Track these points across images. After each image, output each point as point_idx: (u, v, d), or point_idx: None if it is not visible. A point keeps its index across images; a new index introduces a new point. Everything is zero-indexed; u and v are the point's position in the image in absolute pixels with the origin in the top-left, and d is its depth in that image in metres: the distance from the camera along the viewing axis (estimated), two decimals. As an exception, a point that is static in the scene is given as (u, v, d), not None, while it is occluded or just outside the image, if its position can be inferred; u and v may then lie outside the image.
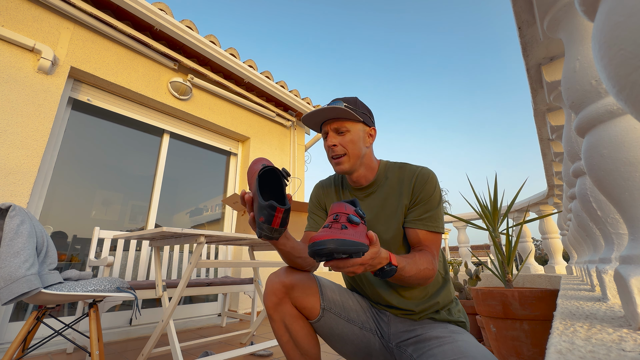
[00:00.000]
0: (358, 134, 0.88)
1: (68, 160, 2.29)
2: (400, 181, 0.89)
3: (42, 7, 2.14)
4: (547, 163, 1.72)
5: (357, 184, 0.94)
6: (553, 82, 0.95)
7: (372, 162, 0.93)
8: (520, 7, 0.81)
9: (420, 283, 0.77)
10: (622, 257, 0.46)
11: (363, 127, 0.89)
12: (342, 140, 0.87)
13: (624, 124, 0.47)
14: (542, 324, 1.22)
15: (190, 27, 2.75)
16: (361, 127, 0.89)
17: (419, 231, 0.83)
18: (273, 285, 0.82)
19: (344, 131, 0.87)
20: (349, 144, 0.86)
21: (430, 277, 0.77)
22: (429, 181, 0.86)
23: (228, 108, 3.27)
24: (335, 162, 0.88)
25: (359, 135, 0.88)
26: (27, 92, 1.98)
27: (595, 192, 0.67)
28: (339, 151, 0.87)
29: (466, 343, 0.70)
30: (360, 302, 0.92)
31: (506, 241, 1.57)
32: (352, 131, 0.87)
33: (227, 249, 2.72)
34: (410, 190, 0.86)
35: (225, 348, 1.85)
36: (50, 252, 1.27)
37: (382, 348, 0.86)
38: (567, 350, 0.32)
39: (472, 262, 2.93)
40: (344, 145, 0.86)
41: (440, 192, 0.88)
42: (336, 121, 0.87)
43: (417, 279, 0.75)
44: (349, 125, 0.87)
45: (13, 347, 1.14)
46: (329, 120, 0.88)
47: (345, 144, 0.86)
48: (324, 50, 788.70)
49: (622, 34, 0.24)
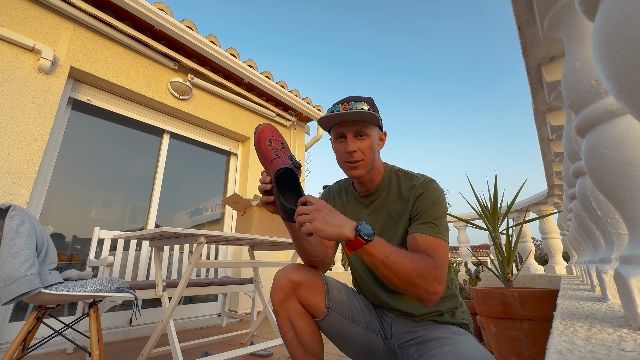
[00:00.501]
0: (375, 138, 0.84)
1: (68, 160, 2.29)
2: (403, 191, 0.87)
3: (42, 7, 2.14)
4: (547, 163, 1.72)
5: (364, 188, 0.93)
6: (553, 82, 0.95)
7: (379, 165, 0.91)
8: (520, 7, 0.81)
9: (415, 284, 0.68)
10: (622, 257, 0.46)
11: (378, 131, 0.87)
12: (361, 146, 0.82)
13: (624, 124, 0.47)
14: (542, 324, 1.22)
15: (190, 27, 2.75)
16: (377, 132, 0.86)
17: (417, 235, 0.78)
18: (280, 281, 0.82)
19: (364, 136, 0.82)
20: (368, 150, 0.82)
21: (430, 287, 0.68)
22: (431, 191, 0.83)
23: (228, 108, 3.27)
24: (352, 167, 0.83)
25: (375, 140, 0.85)
26: (27, 92, 1.98)
27: (595, 192, 0.67)
28: (357, 157, 0.82)
29: (466, 344, 0.70)
30: (365, 302, 0.92)
31: (506, 241, 1.57)
32: (370, 136, 0.83)
33: (227, 249, 2.72)
34: (413, 201, 0.83)
35: (225, 348, 1.85)
36: (50, 252, 1.27)
37: (385, 349, 0.86)
38: (567, 350, 0.32)
39: (472, 262, 2.93)
40: (363, 151, 0.82)
41: (445, 204, 0.84)
42: (357, 124, 0.82)
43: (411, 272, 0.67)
44: (369, 129, 0.82)
45: (13, 347, 1.14)
46: (348, 122, 0.82)
47: (364, 150, 0.82)
48: (324, 51, 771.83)
49: (622, 34, 0.24)
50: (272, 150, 0.78)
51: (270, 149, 0.79)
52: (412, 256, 0.70)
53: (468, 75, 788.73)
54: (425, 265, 0.69)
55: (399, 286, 0.70)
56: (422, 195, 0.83)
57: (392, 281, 0.69)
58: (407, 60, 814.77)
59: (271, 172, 0.75)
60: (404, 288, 0.70)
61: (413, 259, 0.69)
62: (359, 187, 0.95)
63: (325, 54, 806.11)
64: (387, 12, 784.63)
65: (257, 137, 0.82)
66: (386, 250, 0.67)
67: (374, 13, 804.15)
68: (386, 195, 0.90)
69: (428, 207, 0.81)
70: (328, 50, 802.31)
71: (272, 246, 1.95)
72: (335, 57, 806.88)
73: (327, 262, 0.91)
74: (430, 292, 0.69)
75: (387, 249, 0.68)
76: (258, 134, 0.83)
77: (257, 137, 0.83)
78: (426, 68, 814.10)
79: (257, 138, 0.82)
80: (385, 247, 0.68)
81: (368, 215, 0.92)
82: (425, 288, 0.68)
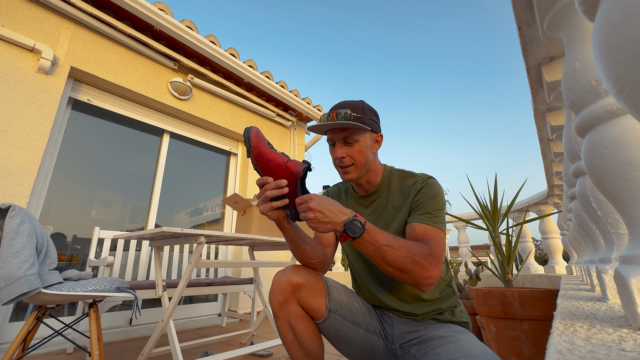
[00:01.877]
0: (366, 143, 0.85)
1: (68, 160, 2.29)
2: (403, 189, 0.89)
3: (42, 7, 2.14)
4: (547, 163, 1.72)
5: (362, 189, 0.94)
6: (553, 82, 0.95)
7: (376, 167, 0.92)
8: (520, 7, 0.81)
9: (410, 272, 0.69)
10: (622, 257, 0.46)
11: (370, 134, 0.87)
12: (349, 151, 0.84)
13: (624, 124, 0.47)
14: (542, 324, 1.22)
15: (190, 27, 2.75)
16: (369, 136, 0.86)
17: (415, 224, 0.80)
18: (280, 283, 0.81)
19: (352, 142, 0.84)
20: (357, 154, 0.84)
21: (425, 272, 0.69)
22: (430, 186, 0.85)
23: (228, 108, 3.27)
24: (343, 172, 0.86)
25: (367, 144, 0.86)
26: (27, 92, 1.98)
27: (595, 192, 0.67)
28: (346, 162, 0.85)
29: (469, 342, 0.70)
30: (365, 303, 0.92)
31: (506, 241, 1.57)
32: (360, 141, 0.84)
33: (227, 249, 2.72)
34: (413, 195, 0.85)
35: (225, 348, 1.85)
36: (50, 252, 1.27)
37: (385, 350, 0.86)
38: (567, 350, 0.32)
39: (472, 262, 2.93)
40: (352, 156, 0.84)
41: (443, 199, 0.85)
42: (344, 131, 0.84)
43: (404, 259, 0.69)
44: (357, 135, 0.84)
45: (13, 347, 1.14)
46: (336, 129, 0.85)
47: (353, 155, 0.84)
48: (324, 50, 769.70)
49: (622, 34, 0.24)
50: (278, 153, 0.75)
51: (274, 152, 0.76)
52: (406, 244, 0.71)
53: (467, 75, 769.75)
54: (420, 252, 0.71)
55: (393, 274, 0.71)
56: (421, 189, 0.85)
57: (387, 270, 0.71)
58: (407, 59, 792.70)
59: (290, 174, 0.73)
60: (399, 275, 0.71)
61: (407, 246, 0.71)
62: (358, 189, 0.96)
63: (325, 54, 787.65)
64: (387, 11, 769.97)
65: (255, 142, 0.75)
66: (379, 239, 0.69)
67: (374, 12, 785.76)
68: (387, 194, 0.91)
69: (427, 199, 0.83)
70: (328, 50, 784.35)
71: (272, 246, 1.95)
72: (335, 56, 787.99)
73: (326, 263, 0.91)
74: (425, 276, 0.70)
75: (381, 238, 0.70)
76: (254, 139, 0.75)
77: (254, 142, 0.75)
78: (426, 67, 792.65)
79: (256, 143, 0.75)
80: (378, 236, 0.70)
81: (369, 214, 0.93)
82: (420, 273, 0.70)
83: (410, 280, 0.71)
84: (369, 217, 0.92)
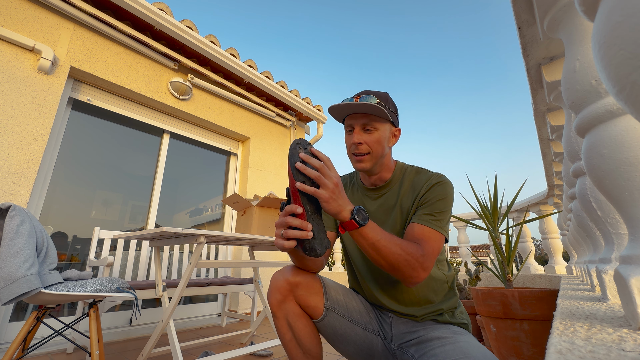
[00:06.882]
0: (385, 133, 0.84)
1: (68, 160, 2.29)
2: (414, 186, 0.87)
3: (42, 7, 2.14)
4: (547, 163, 1.72)
5: (372, 184, 0.93)
6: (553, 82, 0.95)
7: (389, 162, 0.91)
8: (520, 7, 0.81)
9: (400, 270, 0.70)
10: (622, 257, 0.46)
11: (390, 127, 0.86)
12: (368, 139, 0.83)
13: (624, 124, 0.47)
14: (542, 324, 1.22)
15: (190, 27, 2.75)
16: (388, 127, 0.86)
17: (415, 224, 0.79)
18: (278, 282, 0.81)
19: (371, 129, 0.83)
20: (375, 143, 0.83)
21: (414, 272, 0.71)
22: (442, 185, 0.83)
23: (228, 108, 3.27)
24: (357, 160, 0.85)
25: (385, 135, 0.85)
26: (27, 92, 1.98)
27: (595, 192, 0.67)
28: (363, 149, 0.83)
29: (468, 344, 0.70)
30: (364, 303, 0.92)
31: (506, 241, 1.57)
32: (379, 130, 0.83)
33: (227, 249, 2.72)
34: (424, 192, 0.84)
35: (225, 348, 1.85)
36: (50, 252, 1.27)
37: (384, 350, 0.86)
38: (567, 350, 0.32)
39: (472, 262, 2.93)
40: (369, 144, 0.83)
41: (451, 202, 0.84)
42: (365, 117, 0.82)
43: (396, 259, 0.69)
44: (378, 124, 0.83)
45: (13, 347, 1.14)
46: (357, 114, 0.84)
47: (371, 143, 0.83)
48: (324, 50, 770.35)
49: (622, 34, 0.24)
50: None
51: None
52: (402, 243, 0.72)
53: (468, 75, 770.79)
54: (413, 252, 0.72)
55: (385, 268, 0.73)
56: (433, 187, 0.84)
57: (379, 263, 0.72)
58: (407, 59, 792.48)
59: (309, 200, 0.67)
60: (389, 271, 0.73)
61: (402, 245, 0.72)
62: (366, 181, 0.95)
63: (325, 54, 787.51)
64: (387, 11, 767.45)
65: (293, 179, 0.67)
66: (377, 235, 0.70)
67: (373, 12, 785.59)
68: (398, 189, 0.90)
69: (435, 200, 0.82)
70: (328, 50, 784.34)
71: (272, 246, 1.95)
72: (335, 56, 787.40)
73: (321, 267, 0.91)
74: (413, 276, 0.72)
75: (379, 233, 0.70)
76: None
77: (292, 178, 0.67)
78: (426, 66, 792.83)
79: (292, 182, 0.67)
80: (376, 232, 0.70)
81: (376, 208, 0.92)
82: (410, 274, 0.72)
83: (398, 276, 0.74)
84: (377, 211, 0.91)
